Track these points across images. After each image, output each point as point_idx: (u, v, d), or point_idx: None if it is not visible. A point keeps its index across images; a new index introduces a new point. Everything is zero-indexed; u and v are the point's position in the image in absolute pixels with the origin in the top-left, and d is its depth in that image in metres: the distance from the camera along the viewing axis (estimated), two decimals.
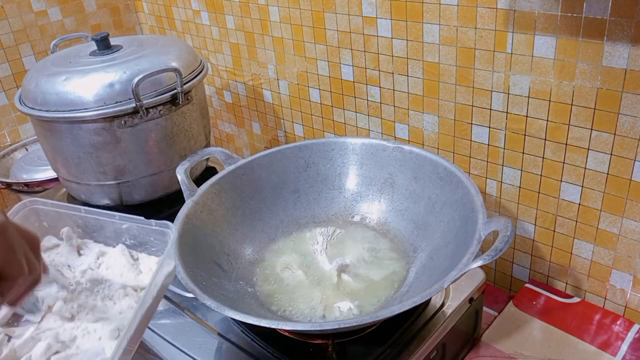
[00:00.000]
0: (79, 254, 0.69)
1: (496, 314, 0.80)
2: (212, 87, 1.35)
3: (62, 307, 0.62)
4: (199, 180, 0.83)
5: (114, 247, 0.68)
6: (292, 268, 0.74)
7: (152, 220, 0.64)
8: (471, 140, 0.85)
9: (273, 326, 0.57)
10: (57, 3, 1.33)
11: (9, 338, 0.60)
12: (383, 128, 0.97)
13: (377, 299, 0.68)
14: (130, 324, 0.54)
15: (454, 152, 0.88)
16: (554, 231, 0.81)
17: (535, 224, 0.83)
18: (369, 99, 0.97)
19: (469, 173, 0.87)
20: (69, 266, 0.66)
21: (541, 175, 0.79)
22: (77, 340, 0.59)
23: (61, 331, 0.59)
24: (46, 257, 0.67)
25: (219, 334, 0.69)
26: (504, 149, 0.81)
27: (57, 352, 0.58)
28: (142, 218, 0.65)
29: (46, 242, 0.69)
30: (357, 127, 1.02)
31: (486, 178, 0.86)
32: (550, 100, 0.73)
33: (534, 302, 0.80)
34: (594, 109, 0.69)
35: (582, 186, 0.75)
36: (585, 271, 0.80)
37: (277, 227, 0.81)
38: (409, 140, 0.94)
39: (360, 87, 0.97)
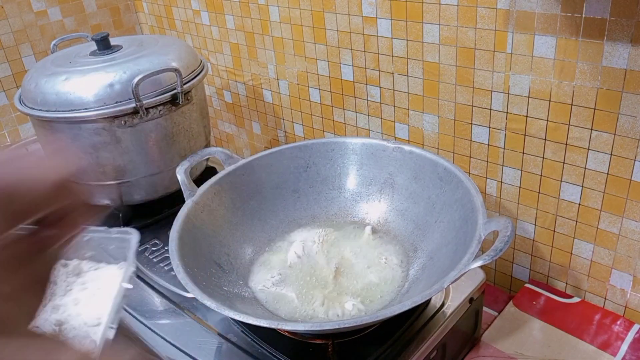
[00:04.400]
0: None
1: (496, 314, 0.80)
2: (212, 87, 1.35)
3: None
4: (199, 180, 0.83)
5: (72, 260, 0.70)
6: (291, 268, 0.74)
7: (113, 229, 0.67)
8: (471, 140, 0.85)
9: (273, 326, 0.57)
10: (57, 3, 1.33)
11: None
12: (383, 128, 0.97)
13: (376, 299, 0.68)
14: (110, 311, 0.59)
15: (454, 152, 0.88)
16: (554, 231, 0.81)
17: (535, 224, 0.83)
18: (369, 99, 0.97)
19: (469, 173, 0.87)
20: None
21: (541, 175, 0.79)
22: (62, 332, 0.62)
23: (44, 325, 0.62)
24: None
25: (219, 334, 0.69)
26: (504, 149, 0.81)
27: None
28: (104, 228, 0.67)
29: None
30: (357, 127, 1.02)
31: (486, 178, 0.86)
32: (550, 100, 0.73)
33: (534, 302, 0.80)
34: (594, 109, 0.69)
35: (582, 186, 0.75)
36: (585, 271, 0.80)
37: (277, 227, 0.81)
38: (409, 140, 0.94)
39: (360, 87, 0.97)
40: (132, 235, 0.65)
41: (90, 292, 0.67)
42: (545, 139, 0.76)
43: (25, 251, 0.33)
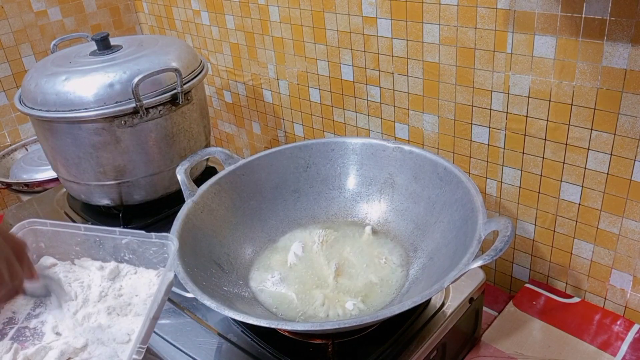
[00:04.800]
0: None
1: (496, 314, 0.80)
2: (212, 87, 1.35)
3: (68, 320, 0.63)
4: (199, 180, 0.83)
5: (110, 262, 0.69)
6: (291, 268, 0.74)
7: (152, 234, 0.65)
8: (471, 140, 0.85)
9: (273, 326, 0.57)
10: (57, 3, 1.33)
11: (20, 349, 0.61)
12: (383, 128, 0.97)
13: (377, 299, 0.68)
14: (141, 330, 0.56)
15: (454, 152, 0.88)
16: (554, 231, 0.81)
17: (535, 224, 0.83)
18: (369, 99, 0.97)
19: (469, 173, 0.87)
20: (69, 284, 0.67)
21: (541, 175, 0.79)
22: (89, 346, 0.60)
23: (71, 339, 0.60)
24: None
25: (219, 334, 0.69)
26: (504, 149, 0.81)
27: (69, 359, 0.59)
28: (143, 232, 0.66)
29: (44, 261, 0.69)
30: (357, 127, 1.02)
31: (486, 178, 0.86)
32: (550, 100, 0.73)
33: (534, 302, 0.80)
34: (594, 109, 0.69)
35: (582, 186, 0.75)
36: (585, 271, 0.80)
37: (277, 227, 0.81)
38: (409, 140, 0.94)
39: (360, 87, 0.97)
40: (172, 242, 0.65)
41: (125, 300, 0.66)
42: (545, 139, 0.76)
43: None
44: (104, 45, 0.91)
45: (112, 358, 0.58)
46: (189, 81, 0.90)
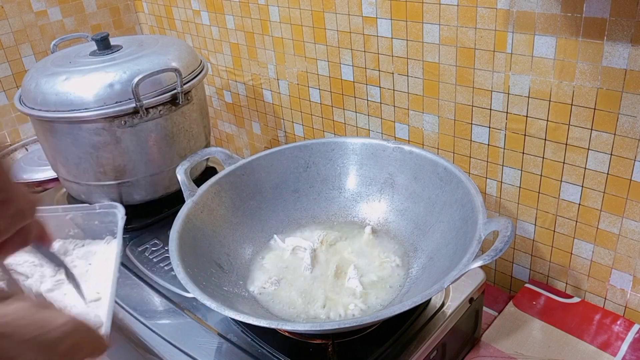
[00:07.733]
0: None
1: (496, 314, 0.80)
2: (212, 87, 1.35)
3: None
4: (199, 180, 0.83)
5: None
6: (291, 268, 0.74)
7: (96, 205, 0.67)
8: (471, 140, 0.85)
9: (273, 326, 0.57)
10: (57, 3, 1.33)
11: None
12: (383, 128, 0.97)
13: (377, 299, 0.68)
14: (112, 284, 0.60)
15: (454, 152, 0.88)
16: (554, 231, 0.81)
17: (535, 224, 0.83)
18: (369, 99, 0.97)
19: (469, 173, 0.87)
20: (19, 265, 0.68)
21: (541, 175, 0.79)
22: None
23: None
24: None
25: (219, 334, 0.69)
26: (504, 149, 0.81)
27: None
28: (87, 205, 0.67)
29: None
30: (357, 127, 1.02)
31: (486, 178, 0.86)
32: (550, 100, 0.73)
33: (534, 302, 0.80)
34: (594, 109, 0.69)
35: (582, 186, 0.75)
36: (585, 271, 0.80)
37: (277, 227, 0.81)
38: (409, 140, 0.94)
39: (360, 87, 0.97)
40: (117, 209, 0.65)
41: (81, 269, 0.67)
42: (545, 139, 0.76)
43: None
44: (104, 45, 0.91)
45: (87, 315, 0.59)
46: (189, 81, 0.90)
